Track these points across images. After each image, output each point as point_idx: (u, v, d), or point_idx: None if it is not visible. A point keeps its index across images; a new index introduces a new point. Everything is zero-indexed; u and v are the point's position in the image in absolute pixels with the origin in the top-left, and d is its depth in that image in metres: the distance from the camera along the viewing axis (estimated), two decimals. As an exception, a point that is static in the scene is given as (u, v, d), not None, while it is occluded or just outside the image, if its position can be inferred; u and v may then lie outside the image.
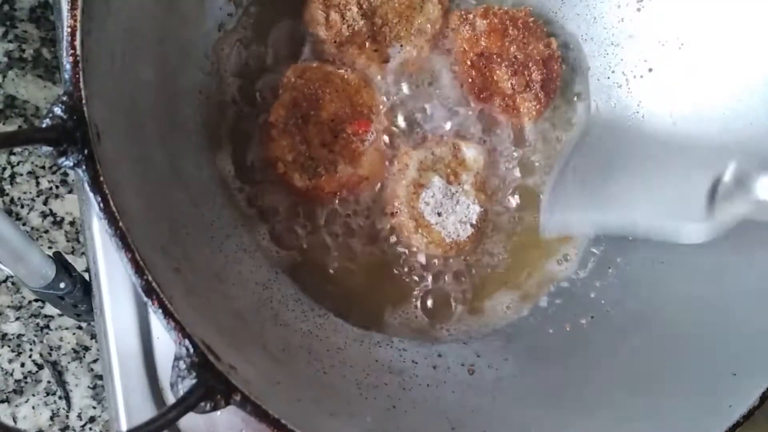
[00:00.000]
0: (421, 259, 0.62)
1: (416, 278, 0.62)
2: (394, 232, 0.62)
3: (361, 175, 0.61)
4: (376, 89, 0.63)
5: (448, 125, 0.64)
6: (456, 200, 0.62)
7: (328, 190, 0.60)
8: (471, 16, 0.65)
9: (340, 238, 0.62)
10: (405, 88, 0.64)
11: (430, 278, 0.63)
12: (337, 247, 0.62)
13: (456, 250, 0.62)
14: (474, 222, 0.62)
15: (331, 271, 0.61)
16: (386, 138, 0.63)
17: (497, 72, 0.64)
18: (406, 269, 0.62)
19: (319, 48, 0.63)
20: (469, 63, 0.64)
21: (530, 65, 0.64)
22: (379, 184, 0.62)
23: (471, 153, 0.63)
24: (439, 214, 0.61)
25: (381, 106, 0.63)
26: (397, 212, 0.61)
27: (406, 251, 0.62)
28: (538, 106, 0.64)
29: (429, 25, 0.64)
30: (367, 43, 0.63)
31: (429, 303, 0.62)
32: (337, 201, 0.62)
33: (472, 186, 0.62)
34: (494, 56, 0.64)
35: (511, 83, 0.64)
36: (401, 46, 0.64)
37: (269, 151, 0.60)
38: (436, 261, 0.63)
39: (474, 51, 0.64)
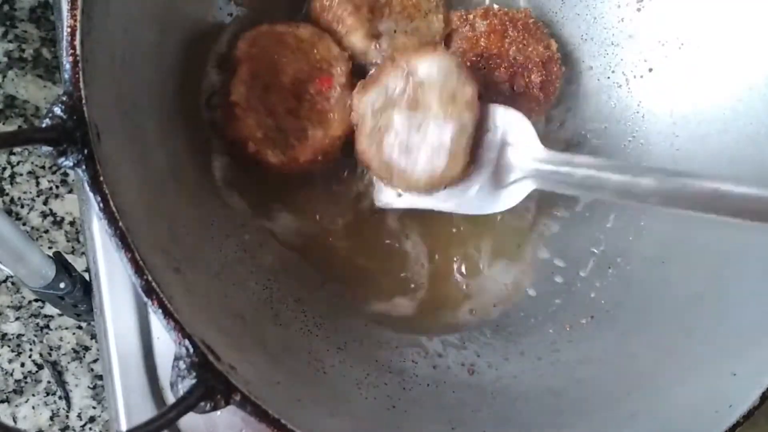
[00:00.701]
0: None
1: (416, 262, 0.62)
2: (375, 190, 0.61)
3: (333, 135, 0.59)
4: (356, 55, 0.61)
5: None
6: (425, 129, 0.56)
7: (304, 159, 0.58)
8: (471, 16, 0.65)
9: (331, 222, 0.61)
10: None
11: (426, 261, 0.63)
12: (333, 234, 0.61)
13: (441, 181, 0.57)
14: (448, 145, 0.56)
15: (329, 265, 0.61)
16: (351, 92, 0.60)
17: (496, 73, 0.64)
18: (403, 248, 0.62)
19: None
20: (468, 64, 0.64)
21: (530, 67, 0.64)
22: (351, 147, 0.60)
23: (424, 69, 0.55)
24: (409, 152, 0.56)
25: (338, 57, 0.60)
26: (368, 168, 0.59)
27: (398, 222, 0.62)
28: (537, 108, 0.64)
29: (427, 34, 0.64)
30: (364, 9, 0.61)
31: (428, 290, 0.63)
32: (317, 174, 0.61)
33: (439, 103, 0.56)
34: (494, 57, 0.64)
35: (511, 84, 0.64)
36: (395, 32, 0.62)
37: (237, 131, 0.57)
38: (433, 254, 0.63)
39: (474, 52, 0.64)
